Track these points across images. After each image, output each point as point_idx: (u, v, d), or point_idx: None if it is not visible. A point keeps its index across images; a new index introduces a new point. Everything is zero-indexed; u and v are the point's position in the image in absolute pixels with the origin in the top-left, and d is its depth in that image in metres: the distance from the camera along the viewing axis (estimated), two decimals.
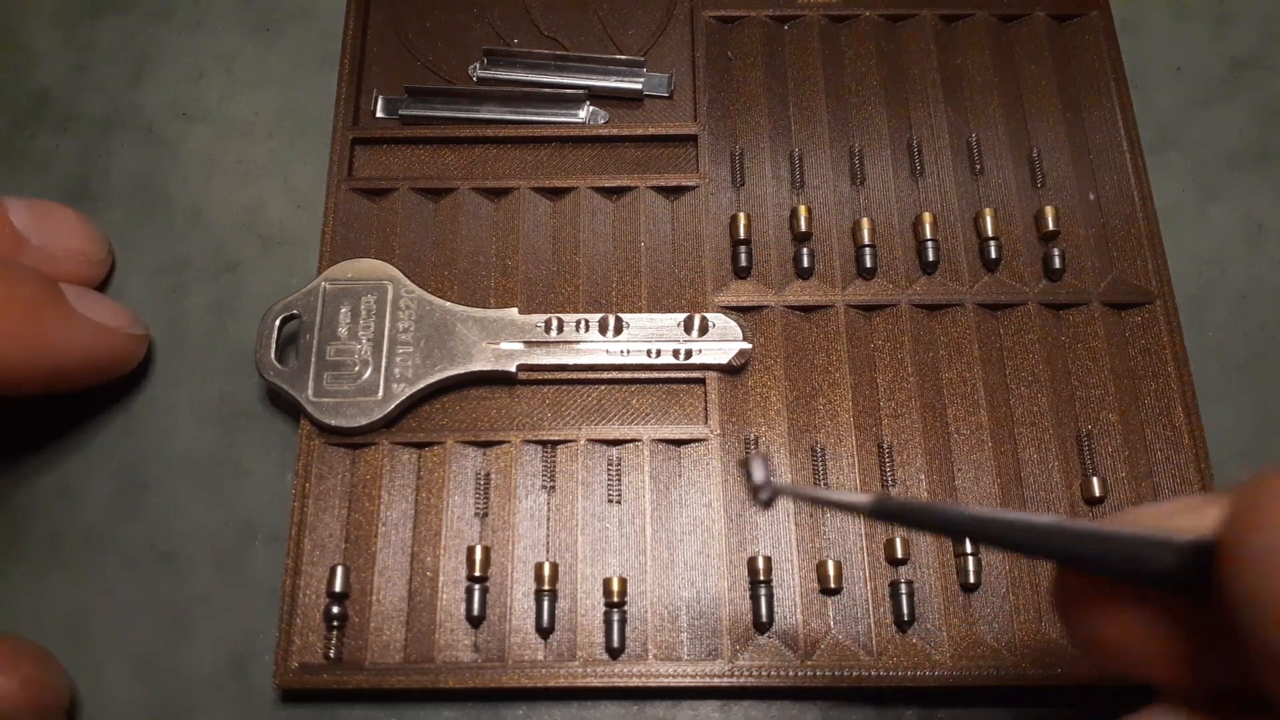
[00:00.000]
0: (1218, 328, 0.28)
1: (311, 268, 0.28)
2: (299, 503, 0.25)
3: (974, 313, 0.27)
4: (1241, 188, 0.30)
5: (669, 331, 0.26)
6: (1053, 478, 0.26)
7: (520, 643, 0.24)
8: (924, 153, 0.29)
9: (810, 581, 0.25)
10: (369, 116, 0.30)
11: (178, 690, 0.25)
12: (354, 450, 0.26)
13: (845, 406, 0.26)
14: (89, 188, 0.30)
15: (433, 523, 0.25)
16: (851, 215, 0.28)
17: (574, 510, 0.25)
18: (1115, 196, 0.28)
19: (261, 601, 0.25)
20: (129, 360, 0.26)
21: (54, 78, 0.31)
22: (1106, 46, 0.30)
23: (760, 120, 0.29)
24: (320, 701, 0.24)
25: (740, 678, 0.24)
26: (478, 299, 0.27)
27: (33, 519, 0.26)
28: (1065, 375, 0.27)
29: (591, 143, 0.29)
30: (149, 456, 0.27)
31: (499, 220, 0.28)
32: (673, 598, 0.25)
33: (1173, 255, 0.28)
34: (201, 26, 0.32)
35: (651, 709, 0.24)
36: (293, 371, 0.26)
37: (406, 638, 0.24)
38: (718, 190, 0.29)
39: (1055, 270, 0.27)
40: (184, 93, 0.31)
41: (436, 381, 0.26)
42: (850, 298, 0.27)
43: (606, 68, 0.30)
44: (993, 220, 0.28)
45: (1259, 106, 0.31)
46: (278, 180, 0.30)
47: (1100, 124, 0.29)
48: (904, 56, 0.30)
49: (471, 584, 0.24)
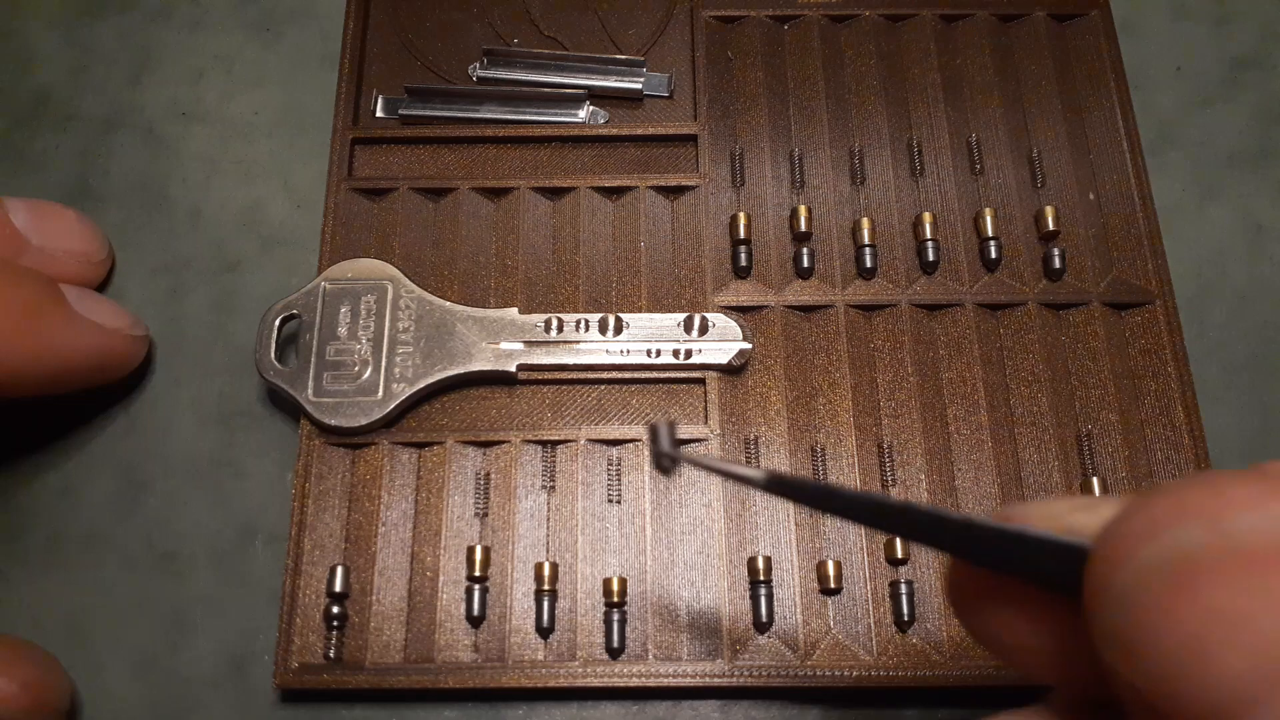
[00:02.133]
0: (1218, 328, 0.28)
1: (311, 268, 0.28)
2: (299, 503, 0.25)
3: (974, 313, 0.27)
4: (1241, 188, 0.30)
5: (669, 331, 0.26)
6: (1053, 478, 0.26)
7: (520, 643, 0.24)
8: (924, 153, 0.29)
9: (810, 581, 0.25)
10: (369, 116, 0.30)
11: (178, 690, 0.25)
12: (354, 450, 0.26)
13: (845, 406, 0.26)
14: (89, 188, 0.30)
15: (433, 523, 0.25)
16: (851, 215, 0.28)
17: (574, 510, 0.25)
18: (1115, 196, 0.28)
19: (261, 601, 0.25)
20: (129, 362, 0.26)
21: (54, 78, 0.31)
22: (1106, 46, 0.30)
23: (760, 120, 0.29)
24: (320, 701, 0.24)
25: (740, 678, 0.24)
26: (478, 299, 0.27)
27: (33, 519, 0.26)
28: (1065, 375, 0.27)
29: (591, 143, 0.29)
30: (149, 456, 0.27)
31: (499, 220, 0.28)
32: (673, 598, 0.25)
33: (1173, 255, 0.28)
34: (201, 26, 0.32)
35: (651, 709, 0.24)
36: (293, 371, 0.26)
37: (406, 638, 0.24)
38: (718, 190, 0.29)
39: (1055, 270, 0.27)
40: (184, 93, 0.31)
41: (436, 381, 0.26)
42: (850, 298, 0.27)
43: (606, 68, 0.30)
44: (993, 220, 0.28)
45: (1259, 106, 0.31)
46: (278, 180, 0.30)
47: (1100, 124, 0.29)
48: (904, 56, 0.30)
49: (471, 584, 0.24)
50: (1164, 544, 0.10)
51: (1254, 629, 0.10)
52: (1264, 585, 0.10)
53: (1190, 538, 0.10)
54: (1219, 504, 0.10)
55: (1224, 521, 0.10)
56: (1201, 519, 0.10)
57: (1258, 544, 0.10)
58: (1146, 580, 0.10)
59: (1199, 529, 0.10)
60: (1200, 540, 0.10)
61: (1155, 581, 0.10)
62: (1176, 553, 0.10)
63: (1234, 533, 0.10)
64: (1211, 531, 0.10)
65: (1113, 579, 0.11)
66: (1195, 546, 0.10)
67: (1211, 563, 0.10)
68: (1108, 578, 0.11)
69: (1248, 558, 0.10)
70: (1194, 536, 0.10)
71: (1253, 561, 0.10)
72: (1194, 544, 0.10)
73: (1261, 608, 0.10)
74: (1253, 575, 0.10)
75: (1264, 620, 0.10)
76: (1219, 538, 0.10)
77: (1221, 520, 0.10)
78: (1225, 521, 0.10)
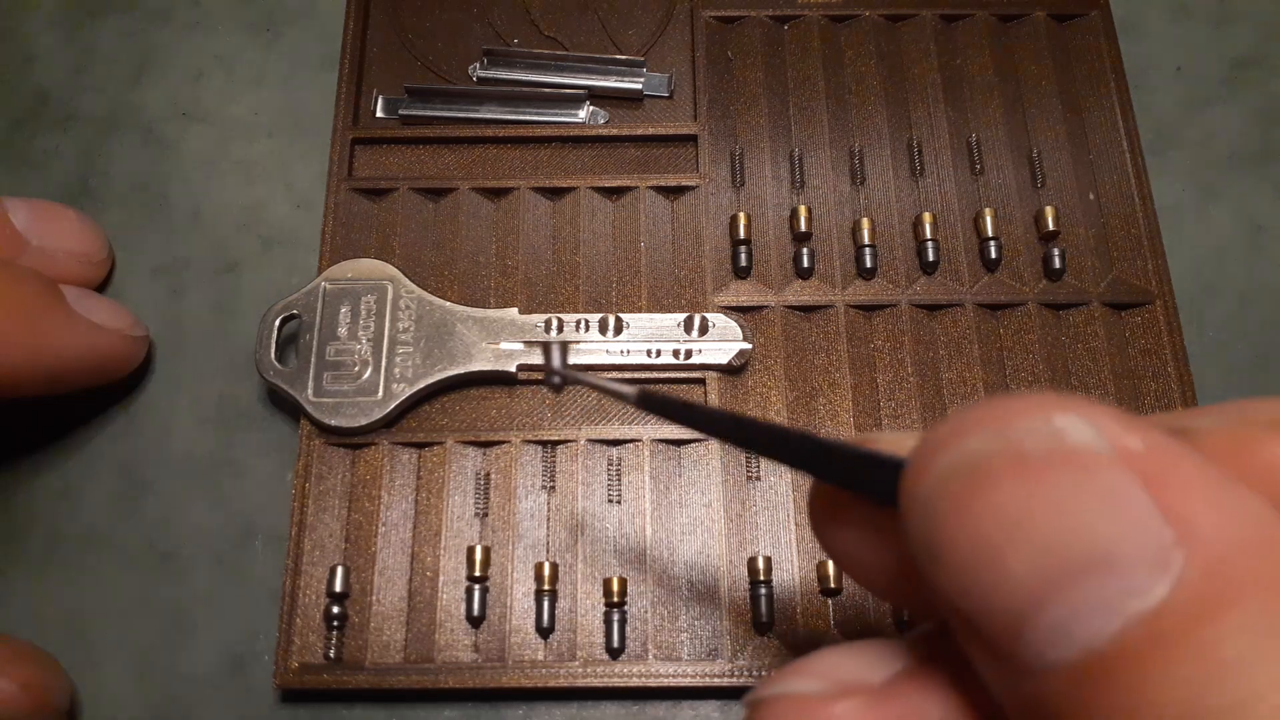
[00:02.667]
0: (1218, 328, 0.28)
1: (311, 268, 0.28)
2: (299, 503, 0.25)
3: (974, 313, 0.27)
4: (1241, 188, 0.30)
5: (669, 331, 0.26)
6: None
7: (520, 643, 0.24)
8: (924, 153, 0.29)
9: (810, 581, 0.25)
10: (369, 116, 0.30)
11: (178, 690, 0.25)
12: (354, 450, 0.26)
13: (845, 406, 0.26)
14: (89, 188, 0.30)
15: (433, 523, 0.25)
16: (851, 215, 0.28)
17: (574, 510, 0.25)
18: (1115, 196, 0.28)
19: (261, 601, 0.25)
20: (129, 362, 0.26)
21: (54, 78, 0.31)
22: (1106, 46, 0.30)
23: (760, 120, 0.29)
24: (320, 701, 0.24)
25: (740, 678, 0.24)
26: (478, 299, 0.27)
27: (33, 519, 0.26)
28: (1065, 375, 0.27)
29: (591, 143, 0.29)
30: (149, 456, 0.27)
31: (499, 220, 0.28)
32: (673, 598, 0.25)
33: (1173, 255, 0.28)
34: (201, 27, 0.32)
35: (651, 709, 0.24)
36: (293, 371, 0.26)
37: (406, 638, 0.24)
38: (718, 190, 0.29)
39: (1055, 270, 0.27)
40: (184, 93, 0.31)
41: (436, 381, 0.26)
42: (850, 298, 0.27)
43: (606, 68, 0.30)
44: (993, 220, 0.28)
45: (1259, 106, 0.31)
46: (278, 180, 0.30)
47: (1100, 124, 0.29)
48: (904, 56, 0.30)
49: (471, 584, 0.24)
50: (957, 451, 0.11)
51: (1034, 529, 0.10)
52: (1041, 486, 0.10)
53: (978, 445, 0.11)
54: (1003, 414, 0.11)
55: (1007, 429, 0.11)
56: (989, 428, 0.11)
57: (1035, 448, 0.10)
58: (943, 487, 0.11)
59: (986, 437, 0.11)
60: (986, 447, 0.11)
61: (950, 487, 0.11)
62: (967, 459, 0.11)
63: (1015, 439, 0.11)
64: (996, 439, 0.11)
65: (917, 488, 0.11)
66: (982, 453, 0.11)
67: (995, 467, 0.11)
68: (914, 487, 0.11)
69: (1026, 460, 0.10)
70: (981, 444, 0.11)
71: (1030, 464, 0.10)
72: (981, 451, 0.11)
73: (1040, 508, 0.10)
74: (1030, 477, 0.10)
75: (1043, 520, 0.10)
76: (1002, 443, 0.11)
77: (1005, 428, 0.11)
78: (1008, 429, 0.11)
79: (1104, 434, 0.10)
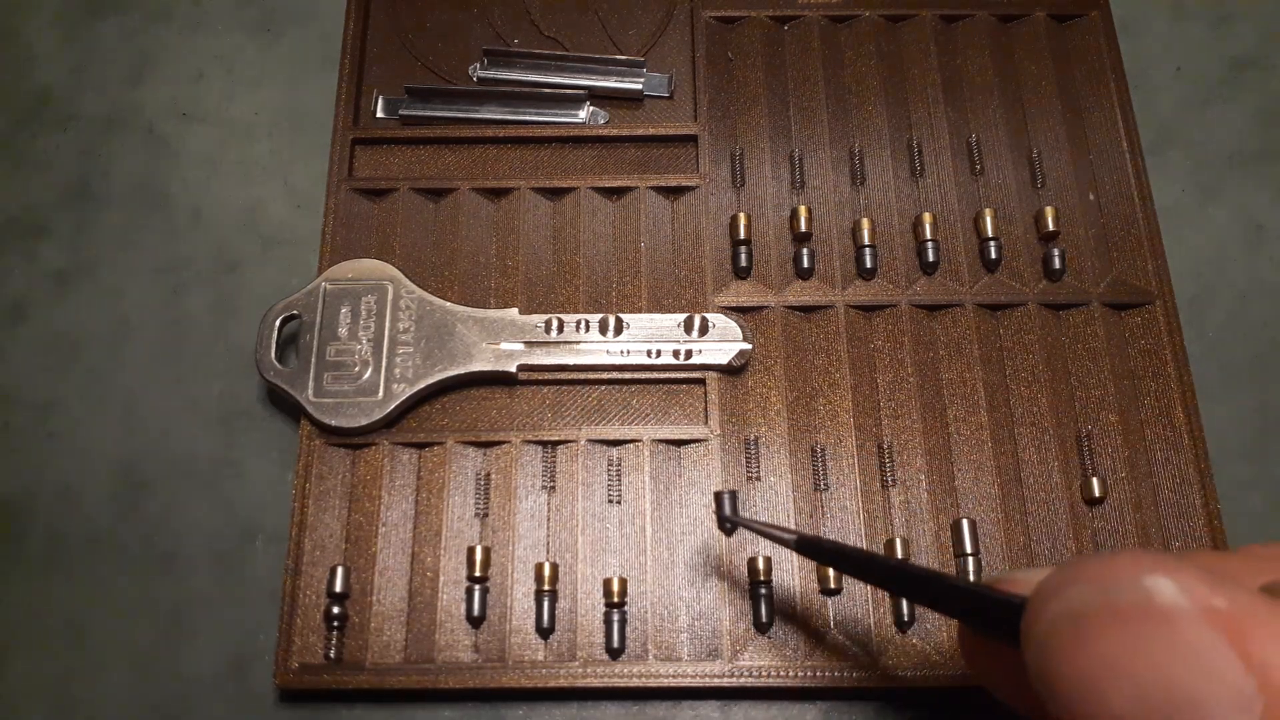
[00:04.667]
0: (1218, 328, 0.28)
1: (311, 268, 0.28)
2: (299, 503, 0.25)
3: (974, 313, 0.27)
4: (1241, 188, 0.30)
5: (669, 332, 0.26)
6: (1053, 478, 0.26)
7: (520, 643, 0.24)
8: (924, 153, 0.29)
9: (810, 581, 0.25)
10: (369, 116, 0.30)
11: (178, 690, 0.25)
12: (354, 450, 0.26)
13: (845, 406, 0.26)
14: (89, 188, 0.30)
15: (433, 523, 0.25)
16: (851, 215, 0.28)
17: (574, 510, 0.25)
18: (1115, 196, 0.28)
19: (261, 601, 0.25)
20: None
21: (54, 78, 0.31)
22: (1106, 46, 0.30)
23: (760, 120, 0.29)
24: (320, 701, 0.24)
25: (740, 678, 0.24)
26: (478, 299, 0.27)
27: (33, 519, 0.26)
28: (1065, 375, 0.27)
29: (591, 143, 0.29)
30: (149, 456, 0.27)
31: (499, 220, 0.28)
32: (673, 598, 0.25)
33: (1173, 255, 0.28)
34: (201, 26, 0.32)
35: (651, 709, 0.24)
36: (293, 371, 0.26)
37: (406, 638, 0.24)
38: (718, 190, 0.29)
39: (1055, 270, 0.27)
40: (184, 93, 0.31)
41: (437, 382, 0.26)
42: (850, 298, 0.27)
43: (606, 68, 0.30)
44: (993, 220, 0.28)
45: (1259, 106, 0.31)
46: (278, 180, 0.30)
47: (1100, 124, 0.29)
48: (904, 56, 0.30)
49: (471, 584, 0.24)
50: (1066, 600, 0.13)
51: (1131, 675, 0.12)
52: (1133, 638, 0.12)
53: (1084, 596, 0.13)
54: (1107, 570, 0.13)
55: (1108, 584, 0.12)
56: (1094, 582, 0.13)
57: (1128, 604, 0.12)
58: (1055, 629, 0.13)
59: (1088, 591, 0.13)
60: (1087, 600, 0.12)
61: (1059, 631, 0.13)
62: (1075, 608, 0.13)
63: (1111, 595, 0.12)
64: (1097, 593, 0.12)
65: (1034, 629, 0.13)
66: (1087, 604, 0.12)
67: (1097, 618, 0.12)
68: (1031, 627, 0.13)
69: (1120, 615, 0.12)
70: (1083, 596, 0.13)
71: (1124, 618, 0.12)
72: (1084, 602, 0.12)
73: (1134, 657, 0.12)
74: (1127, 629, 0.12)
75: (1138, 668, 0.12)
76: (1101, 598, 0.12)
77: (1106, 583, 0.12)
78: (1109, 584, 0.12)
79: (1189, 594, 0.12)
